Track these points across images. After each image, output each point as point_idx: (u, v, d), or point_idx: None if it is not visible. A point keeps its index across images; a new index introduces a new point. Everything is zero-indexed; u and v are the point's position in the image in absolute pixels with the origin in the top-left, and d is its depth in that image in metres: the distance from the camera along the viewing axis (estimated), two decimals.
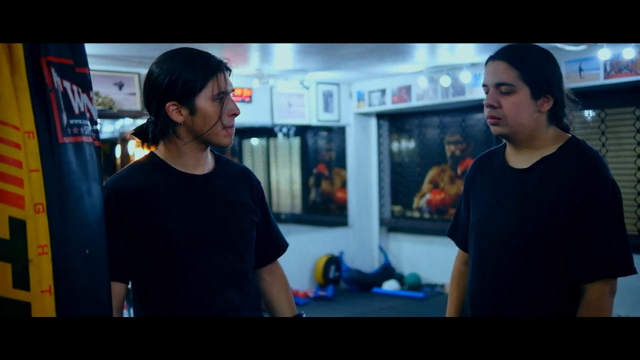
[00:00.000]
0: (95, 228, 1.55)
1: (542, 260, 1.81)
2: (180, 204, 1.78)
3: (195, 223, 1.77)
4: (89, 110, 1.57)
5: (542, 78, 1.83)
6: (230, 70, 1.81)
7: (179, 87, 1.71)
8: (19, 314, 1.33)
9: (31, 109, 1.37)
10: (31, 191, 1.35)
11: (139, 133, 1.85)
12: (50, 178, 1.39)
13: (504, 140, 1.98)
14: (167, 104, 1.73)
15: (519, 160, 1.90)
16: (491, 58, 1.90)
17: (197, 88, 1.72)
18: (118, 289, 1.76)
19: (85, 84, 1.55)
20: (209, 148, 1.84)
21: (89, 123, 1.55)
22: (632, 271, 1.77)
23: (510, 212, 1.86)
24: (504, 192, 1.90)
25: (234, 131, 1.81)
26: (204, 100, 1.73)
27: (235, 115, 1.79)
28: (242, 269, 1.84)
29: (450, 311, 2.14)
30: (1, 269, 1.32)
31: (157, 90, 1.74)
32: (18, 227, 1.33)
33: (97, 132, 1.61)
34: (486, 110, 1.89)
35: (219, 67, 1.76)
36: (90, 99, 1.56)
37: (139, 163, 1.85)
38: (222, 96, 1.75)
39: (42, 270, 1.35)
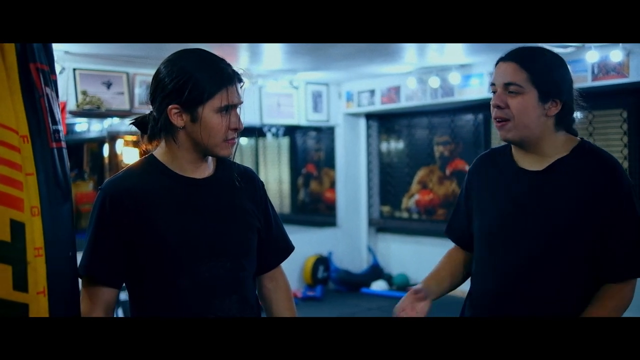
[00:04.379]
0: (73, 231, 1.57)
1: (564, 264, 1.81)
2: (177, 208, 1.72)
3: (191, 228, 1.72)
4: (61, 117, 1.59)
5: (551, 82, 1.82)
6: (243, 82, 1.74)
7: (185, 92, 1.65)
8: (17, 315, 1.35)
9: (24, 113, 1.38)
10: (28, 194, 1.37)
11: (140, 124, 1.79)
12: (43, 182, 1.41)
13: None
14: (170, 106, 1.67)
15: (530, 162, 1.88)
16: (502, 59, 1.87)
17: (204, 97, 1.66)
18: (110, 294, 1.71)
19: (57, 91, 1.57)
20: None
21: (62, 129, 1.57)
22: None
23: (529, 216, 1.84)
24: (519, 194, 1.87)
25: (235, 143, 1.75)
26: (208, 111, 1.67)
27: (237, 130, 1.72)
28: (240, 276, 1.79)
29: (429, 277, 2.11)
30: (2, 271, 1.33)
31: (162, 90, 1.68)
32: (18, 229, 1.35)
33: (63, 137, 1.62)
34: (493, 111, 1.86)
35: (231, 79, 1.70)
36: (58, 106, 1.58)
37: (137, 165, 1.78)
38: (228, 109, 1.69)
39: (38, 272, 1.38)
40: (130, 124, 1.81)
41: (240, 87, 1.73)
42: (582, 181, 1.80)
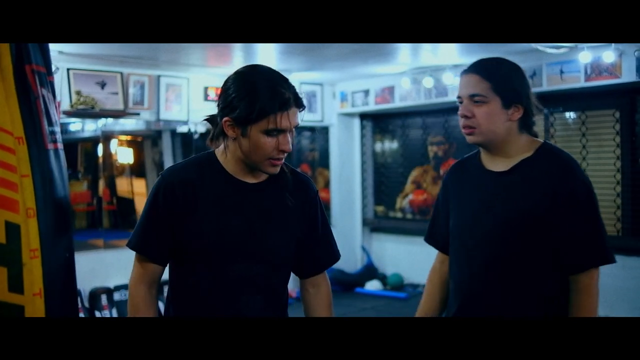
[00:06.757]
0: (70, 233, 1.57)
1: (528, 257, 1.93)
2: (220, 207, 1.82)
3: (228, 228, 1.81)
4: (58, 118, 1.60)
5: (511, 89, 1.95)
6: (304, 107, 1.80)
7: (237, 110, 1.75)
8: (13, 317, 1.34)
9: (20, 115, 1.39)
10: (23, 196, 1.37)
11: (211, 119, 1.89)
12: (38, 183, 1.41)
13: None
14: (225, 118, 1.78)
15: (496, 164, 2.02)
16: (464, 72, 2.01)
17: (252, 119, 1.74)
18: (156, 270, 1.83)
19: (54, 92, 1.57)
20: None
21: (59, 130, 1.57)
22: (614, 260, 1.94)
23: (495, 214, 1.97)
24: (486, 194, 2.01)
25: (281, 162, 1.83)
26: (255, 131, 1.75)
27: (284, 152, 1.79)
28: (269, 281, 1.87)
29: (422, 306, 2.26)
30: None
31: (223, 101, 1.79)
32: (13, 231, 1.36)
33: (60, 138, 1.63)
34: (461, 121, 2.01)
35: (285, 105, 1.75)
36: (57, 107, 1.58)
37: (198, 159, 1.91)
38: (277, 132, 1.76)
39: (33, 274, 1.38)
40: (204, 120, 1.92)
41: (301, 111, 1.80)
42: (544, 178, 1.93)
